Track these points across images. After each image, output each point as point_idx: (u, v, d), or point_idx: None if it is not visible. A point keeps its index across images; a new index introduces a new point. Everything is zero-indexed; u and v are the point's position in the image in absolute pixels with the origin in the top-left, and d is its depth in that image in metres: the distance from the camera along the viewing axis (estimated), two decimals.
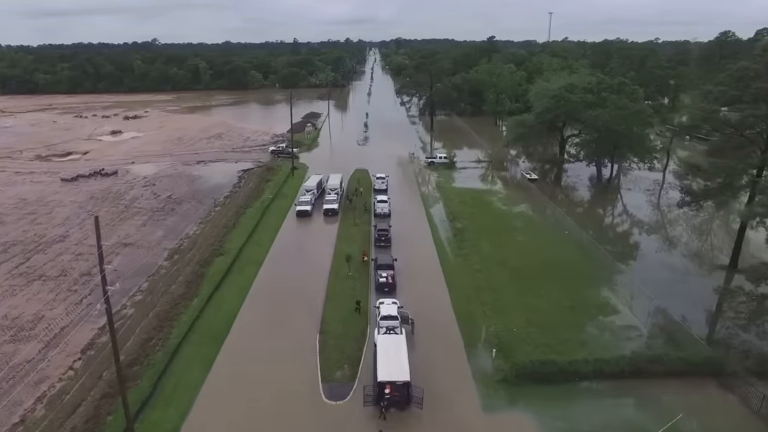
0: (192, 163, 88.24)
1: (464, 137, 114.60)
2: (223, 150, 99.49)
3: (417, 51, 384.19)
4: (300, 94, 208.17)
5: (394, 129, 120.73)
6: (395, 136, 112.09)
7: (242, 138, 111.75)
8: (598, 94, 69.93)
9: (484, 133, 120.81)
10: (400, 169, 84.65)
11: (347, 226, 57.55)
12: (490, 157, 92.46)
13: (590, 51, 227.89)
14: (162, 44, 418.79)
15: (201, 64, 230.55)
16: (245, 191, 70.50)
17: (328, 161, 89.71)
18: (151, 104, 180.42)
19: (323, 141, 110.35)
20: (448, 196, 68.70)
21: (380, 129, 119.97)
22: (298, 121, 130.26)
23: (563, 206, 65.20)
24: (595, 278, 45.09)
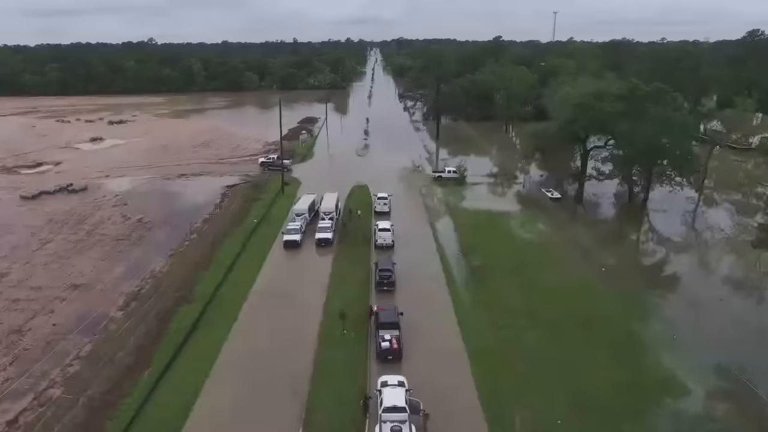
0: (173, 177, 79.32)
1: (473, 145, 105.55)
2: (208, 161, 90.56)
3: (419, 51, 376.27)
4: (298, 97, 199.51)
5: (396, 136, 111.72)
6: (398, 144, 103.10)
7: (231, 146, 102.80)
8: (631, 103, 60.87)
9: (494, 140, 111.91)
10: (404, 185, 75.67)
11: (343, 261, 48.59)
12: (504, 170, 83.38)
13: (599, 51, 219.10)
14: (159, 44, 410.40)
15: (195, 65, 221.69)
16: (227, 214, 61.52)
17: (323, 175, 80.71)
18: (141, 107, 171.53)
19: (320, 150, 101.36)
20: (459, 220, 59.65)
21: (382, 136, 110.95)
22: (294, 126, 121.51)
23: (595, 233, 56.16)
24: (650, 339, 36.10)
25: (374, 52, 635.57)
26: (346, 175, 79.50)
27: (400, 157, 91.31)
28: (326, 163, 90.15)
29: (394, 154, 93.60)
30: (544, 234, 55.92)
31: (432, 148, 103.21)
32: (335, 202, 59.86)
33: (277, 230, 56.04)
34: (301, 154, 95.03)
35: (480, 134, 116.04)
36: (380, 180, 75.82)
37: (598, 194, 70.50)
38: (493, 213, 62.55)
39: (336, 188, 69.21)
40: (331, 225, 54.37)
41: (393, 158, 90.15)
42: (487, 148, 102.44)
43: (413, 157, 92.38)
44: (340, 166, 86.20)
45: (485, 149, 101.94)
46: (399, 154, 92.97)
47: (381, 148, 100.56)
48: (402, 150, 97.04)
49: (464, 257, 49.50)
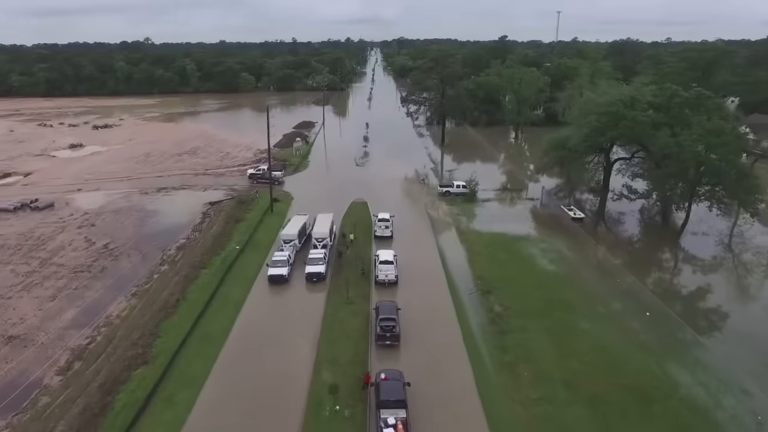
0: (151, 191, 71.55)
1: (481, 154, 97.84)
2: (193, 171, 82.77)
3: (420, 51, 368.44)
4: (295, 99, 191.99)
5: (398, 142, 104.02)
6: (400, 151, 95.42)
7: (220, 155, 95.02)
8: (669, 111, 53.15)
9: (503, 148, 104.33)
10: (408, 202, 67.94)
11: (337, 302, 40.84)
12: (517, 183, 75.62)
13: (609, 51, 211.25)
14: (155, 44, 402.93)
15: (188, 66, 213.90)
16: (206, 238, 53.69)
17: (318, 188, 72.96)
18: (131, 110, 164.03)
19: (316, 158, 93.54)
20: (473, 246, 51.85)
21: (383, 142, 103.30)
22: (289, 132, 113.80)
23: (630, 264, 48.36)
24: (727, 421, 28.36)
25: (374, 52, 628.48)
26: (343, 188, 71.88)
27: (402, 166, 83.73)
28: (322, 175, 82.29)
29: (396, 163, 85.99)
30: (571, 264, 48.11)
31: (437, 156, 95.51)
32: (329, 226, 52.08)
33: (262, 259, 48.35)
34: (295, 163, 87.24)
35: (488, 140, 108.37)
36: (381, 195, 68.20)
37: (624, 213, 62.86)
38: (509, 237, 54.71)
39: (332, 204, 61.86)
40: (323, 255, 46.54)
41: (395, 168, 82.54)
42: (497, 157, 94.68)
43: (417, 166, 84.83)
44: (337, 178, 78.42)
45: (494, 158, 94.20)
46: (401, 164, 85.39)
47: (382, 156, 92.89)
48: (404, 158, 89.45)
49: (482, 296, 41.73)
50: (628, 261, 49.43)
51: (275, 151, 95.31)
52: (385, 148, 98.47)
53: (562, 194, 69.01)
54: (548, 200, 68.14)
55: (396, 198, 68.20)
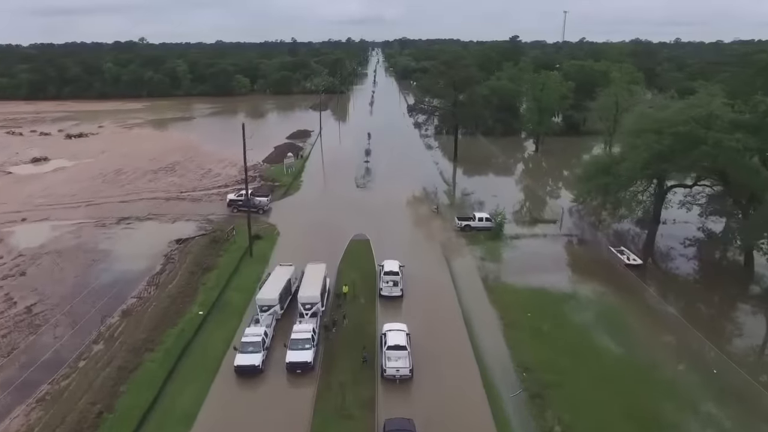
0: (110, 222, 59.48)
1: (499, 170, 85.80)
2: (166, 194, 70.73)
3: (423, 52, 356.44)
4: (291, 103, 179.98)
5: (404, 156, 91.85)
6: (407, 167, 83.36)
7: (201, 172, 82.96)
8: (762, 133, 41.08)
9: (524, 162, 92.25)
10: (420, 238, 55.81)
11: (328, 417, 28.69)
12: (541, 206, 63.40)
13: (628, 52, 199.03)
14: (152, 44, 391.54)
15: (180, 67, 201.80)
16: (163, 297, 41.51)
17: (311, 219, 60.77)
18: (116, 115, 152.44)
19: (310, 177, 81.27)
20: (508, 312, 39.66)
21: (386, 156, 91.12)
22: (281, 144, 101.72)
23: (728, 344, 36.06)
24: None
25: (376, 53, 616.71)
26: (341, 218, 59.88)
27: (410, 187, 71.96)
28: (316, 199, 69.95)
29: (403, 183, 74.04)
30: (643, 343, 35.86)
31: (449, 173, 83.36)
32: (321, 283, 39.90)
33: (231, 334, 36.29)
34: (286, 183, 75.05)
35: (505, 153, 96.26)
36: (386, 229, 56.19)
37: (680, 251, 50.81)
38: (552, 295, 42.51)
39: (327, 242, 50.41)
40: (311, 335, 34.30)
41: (401, 190, 70.65)
42: (518, 174, 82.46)
43: (427, 186, 73.03)
44: (334, 204, 66.22)
45: (515, 175, 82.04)
46: (409, 184, 73.51)
47: (386, 173, 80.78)
48: (412, 176, 77.48)
49: (530, 402, 29.61)
50: (721, 336, 37.15)
51: (263, 168, 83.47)
52: (390, 164, 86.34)
53: (601, 224, 57.13)
54: (591, 237, 56.13)
55: (404, 234, 56.04)
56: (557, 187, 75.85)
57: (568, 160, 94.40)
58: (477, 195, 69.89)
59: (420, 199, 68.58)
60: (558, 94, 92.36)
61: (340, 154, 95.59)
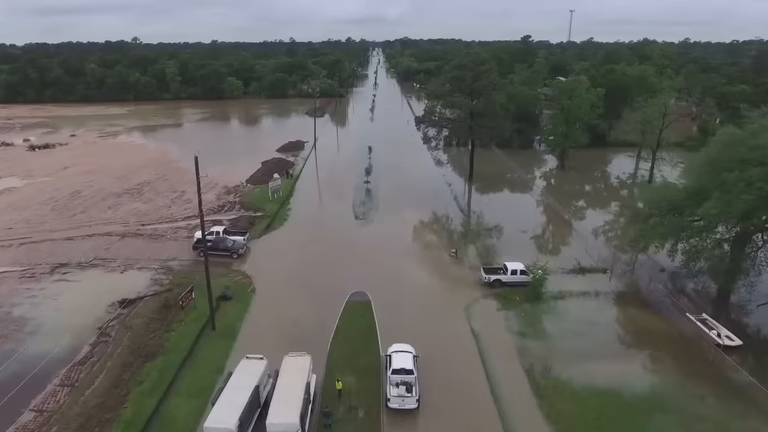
0: (42, 272, 46.90)
1: (523, 193, 73.14)
2: (124, 227, 58.21)
3: (426, 52, 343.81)
4: (287, 107, 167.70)
5: (411, 175, 79.29)
6: (415, 191, 70.86)
7: (173, 195, 70.51)
8: None
9: (548, 181, 79.46)
10: (436, 294, 43.18)
11: None
12: (596, 257, 50.74)
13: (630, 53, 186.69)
14: (148, 44, 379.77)
15: (168, 69, 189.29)
16: (73, 412, 28.93)
17: (297, 268, 48.13)
18: (94, 121, 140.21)
19: (300, 203, 68.39)
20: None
21: (390, 175, 78.75)
22: (269, 159, 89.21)
23: None
24: None
25: (377, 53, 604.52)
26: (335, 266, 47.55)
27: (419, 217, 59.92)
28: (305, 237, 56.67)
29: (411, 212, 61.71)
30: None
31: (464, 196, 70.85)
32: (302, 395, 27.31)
33: None
34: (269, 214, 62.38)
35: (526, 170, 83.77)
36: (392, 282, 43.84)
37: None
38: (628, 402, 29.98)
39: (315, 302, 38.23)
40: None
41: (409, 222, 58.57)
42: (547, 200, 69.85)
43: (441, 215, 60.87)
44: (327, 245, 53.39)
45: (544, 201, 69.39)
46: (417, 213, 61.37)
47: (389, 198, 68.31)
48: (421, 203, 65.16)
49: None
50: None
51: (245, 191, 70.98)
52: (394, 186, 73.81)
53: (661, 269, 44.77)
54: (650, 285, 43.74)
55: (416, 291, 43.44)
56: (598, 217, 63.06)
57: (601, 180, 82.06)
58: (501, 228, 57.49)
59: (432, 235, 56.05)
60: (588, 102, 79.83)
61: (336, 172, 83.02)
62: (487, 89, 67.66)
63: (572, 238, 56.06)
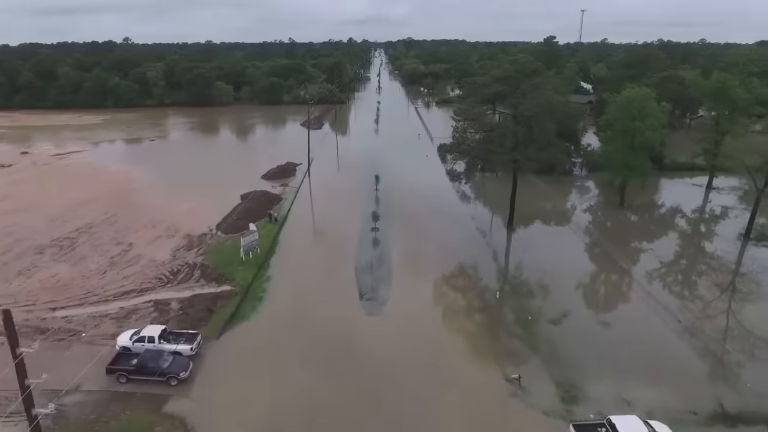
0: None
1: (583, 250, 54.60)
2: (24, 313, 40.10)
3: (431, 53, 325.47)
4: (282, 115, 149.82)
5: (430, 221, 61.24)
6: (436, 246, 52.78)
7: (115, 250, 52.33)
8: None
9: (611, 227, 60.71)
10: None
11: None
12: (730, 374, 32.53)
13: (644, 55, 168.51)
14: (134, 43, 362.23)
15: (150, 73, 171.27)
16: None
17: (267, 413, 30.03)
18: (60, 133, 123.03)
19: (282, 271, 49.83)
20: None
21: (404, 217, 60.86)
22: (250, 193, 70.95)
23: None
24: None
25: (379, 54, 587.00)
26: (330, 401, 29.41)
27: (448, 294, 41.74)
28: (285, 341, 37.87)
29: (435, 285, 43.77)
30: None
31: (507, 255, 52.66)
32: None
33: None
34: (240, 288, 44.14)
35: (576, 208, 65.64)
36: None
37: None
38: None
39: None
40: None
41: (437, 305, 40.66)
42: (619, 263, 51.25)
43: (478, 288, 42.66)
44: (319, 359, 35.23)
45: (615, 266, 50.80)
46: (446, 286, 43.46)
47: (406, 258, 50.12)
48: (449, 266, 47.32)
49: None
50: None
51: (210, 245, 52.95)
52: (411, 235, 55.75)
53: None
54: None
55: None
56: (719, 306, 43.87)
57: (689, 227, 62.68)
58: (571, 314, 39.44)
59: (474, 335, 37.89)
60: (661, 123, 61.70)
61: (335, 211, 64.81)
62: (543, 110, 49.55)
63: (686, 342, 37.63)
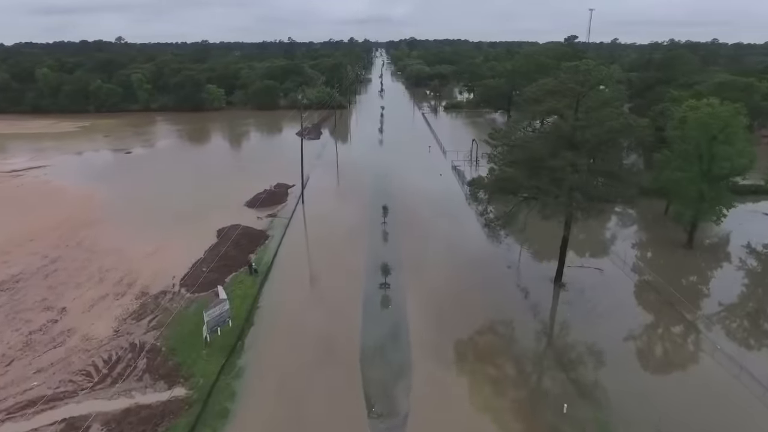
0: None
1: (680, 327, 41.48)
2: None
3: (435, 53, 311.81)
4: (276, 122, 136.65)
5: (453, 270, 48.26)
6: (467, 315, 39.88)
7: (37, 322, 39.28)
8: None
9: (689, 281, 47.10)
10: None
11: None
12: None
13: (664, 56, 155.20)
14: (128, 43, 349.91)
15: (134, 75, 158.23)
16: None
17: None
18: (26, 142, 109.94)
19: (259, 354, 37.27)
20: None
21: (420, 270, 47.86)
22: (225, 227, 57.63)
23: None
24: None
25: (380, 53, 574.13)
26: None
27: (489, 402, 28.63)
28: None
29: (474, 387, 30.67)
30: None
31: (558, 325, 39.62)
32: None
33: None
34: (197, 389, 31.17)
35: (636, 251, 52.37)
36: None
37: None
38: None
39: None
40: None
41: (475, 415, 27.22)
42: (718, 340, 38.25)
43: (530, 383, 29.55)
44: None
45: (714, 341, 37.82)
46: (483, 387, 30.12)
47: (427, 338, 37.05)
48: (481, 342, 34.21)
49: None
50: None
51: (174, 309, 39.80)
52: (432, 299, 42.65)
53: None
54: None
55: None
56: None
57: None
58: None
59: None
60: (750, 147, 48.58)
61: (332, 259, 51.34)
62: (615, 135, 36.65)
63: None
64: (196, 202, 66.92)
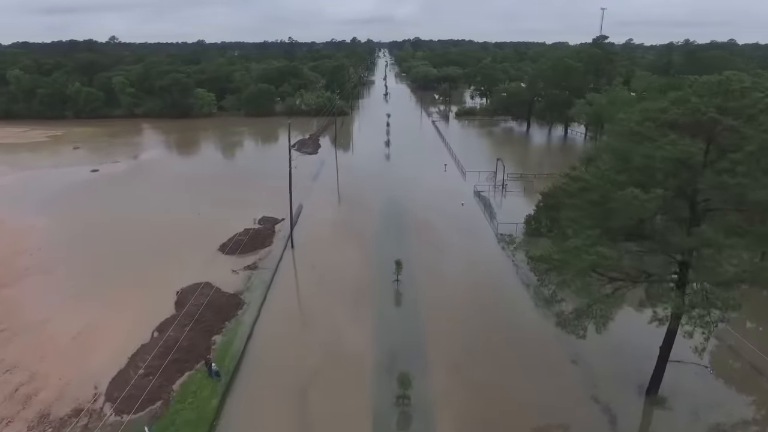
0: None
1: None
2: None
3: (441, 54, 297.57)
4: (271, 131, 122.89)
5: (495, 369, 34.46)
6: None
7: None
8: None
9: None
10: None
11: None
12: None
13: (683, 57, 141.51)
14: (122, 43, 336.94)
15: (115, 78, 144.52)
16: None
17: None
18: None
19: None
20: None
21: (452, 381, 33.93)
22: (188, 287, 43.33)
23: None
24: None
25: (383, 54, 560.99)
26: None
27: None
28: None
29: None
30: None
31: None
32: None
33: None
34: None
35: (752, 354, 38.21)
36: None
37: None
38: None
39: None
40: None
41: None
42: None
43: None
44: None
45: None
46: None
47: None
48: None
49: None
50: None
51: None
52: (470, 410, 28.78)
53: None
54: None
55: None
56: None
57: None
58: None
59: None
60: None
61: (329, 345, 37.35)
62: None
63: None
64: (158, 244, 52.99)
